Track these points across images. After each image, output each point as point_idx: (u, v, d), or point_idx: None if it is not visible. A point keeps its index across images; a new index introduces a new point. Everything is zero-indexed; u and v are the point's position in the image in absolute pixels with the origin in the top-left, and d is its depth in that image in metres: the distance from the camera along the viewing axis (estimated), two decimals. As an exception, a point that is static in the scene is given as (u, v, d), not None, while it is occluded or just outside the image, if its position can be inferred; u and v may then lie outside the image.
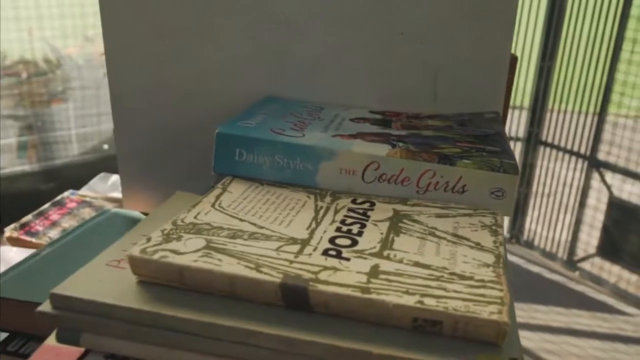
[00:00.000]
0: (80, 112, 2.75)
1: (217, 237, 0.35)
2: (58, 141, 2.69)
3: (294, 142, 0.44)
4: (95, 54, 2.87)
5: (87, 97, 2.76)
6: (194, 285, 0.32)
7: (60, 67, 2.70)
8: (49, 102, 2.72)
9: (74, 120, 2.73)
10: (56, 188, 2.34)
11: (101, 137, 2.78)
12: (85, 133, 2.77)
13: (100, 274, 0.35)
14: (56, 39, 2.48)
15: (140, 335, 0.32)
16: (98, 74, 2.86)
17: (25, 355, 0.46)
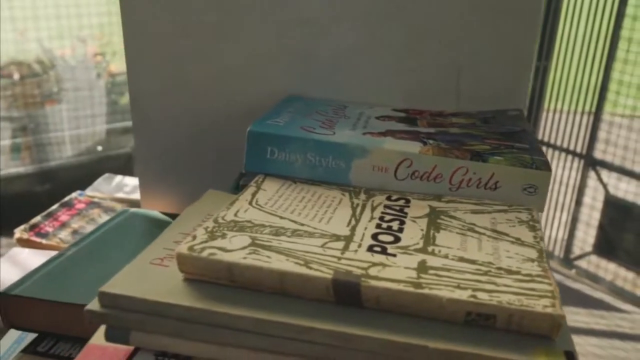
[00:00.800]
0: (74, 113, 2.73)
1: (260, 234, 0.35)
2: (52, 143, 2.68)
3: (326, 140, 0.45)
4: (89, 55, 2.86)
5: (81, 98, 2.75)
6: (242, 282, 0.33)
7: (53, 69, 2.68)
8: (43, 103, 2.70)
9: (67, 122, 2.72)
10: (52, 190, 2.33)
11: (95, 138, 2.76)
12: (79, 134, 2.76)
13: (145, 272, 0.35)
14: (48, 40, 2.47)
15: (191, 332, 0.32)
16: (91, 75, 2.85)
17: (55, 356, 0.46)
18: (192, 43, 0.58)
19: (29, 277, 0.48)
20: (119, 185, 1.12)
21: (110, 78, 2.86)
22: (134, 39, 0.58)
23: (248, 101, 0.59)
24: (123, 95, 2.90)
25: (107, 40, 2.81)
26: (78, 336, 0.47)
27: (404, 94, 0.56)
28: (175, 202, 0.65)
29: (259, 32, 0.56)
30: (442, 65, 0.54)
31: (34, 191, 2.20)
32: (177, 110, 0.61)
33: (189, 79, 0.59)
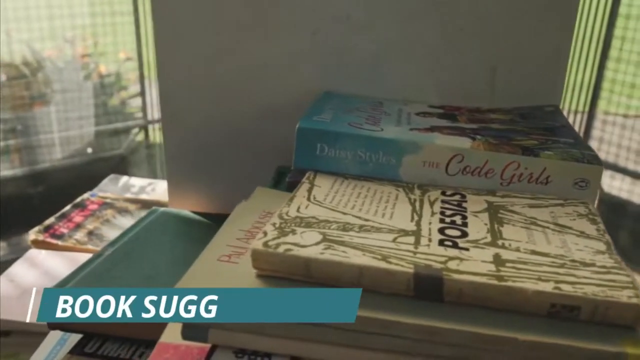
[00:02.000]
0: (63, 115, 2.70)
1: (329, 230, 0.35)
2: (41, 145, 2.65)
3: (377, 136, 0.45)
4: (76, 56, 2.83)
5: (69, 100, 2.72)
6: (319, 277, 0.32)
7: (41, 70, 2.65)
8: (31, 105, 2.67)
9: (56, 124, 2.69)
10: (45, 192, 2.30)
11: (84, 140, 2.73)
12: (69, 136, 2.73)
13: (215, 269, 0.34)
14: (34, 41, 2.44)
15: (271, 329, 0.31)
16: (79, 77, 2.82)
17: (104, 357, 0.45)
18: (224, 41, 0.57)
19: (72, 278, 0.48)
20: (125, 185, 1.12)
21: (100, 79, 2.83)
22: (165, 36, 0.58)
23: (280, 99, 0.59)
24: (112, 96, 2.87)
25: (95, 41, 2.79)
26: (124, 336, 0.47)
27: (439, 91, 0.56)
28: (204, 201, 0.64)
29: (293, 30, 0.56)
30: (478, 61, 0.55)
31: (27, 193, 2.17)
32: (207, 109, 0.60)
33: (220, 77, 0.59)
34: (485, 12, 0.53)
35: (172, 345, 0.34)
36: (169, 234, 0.58)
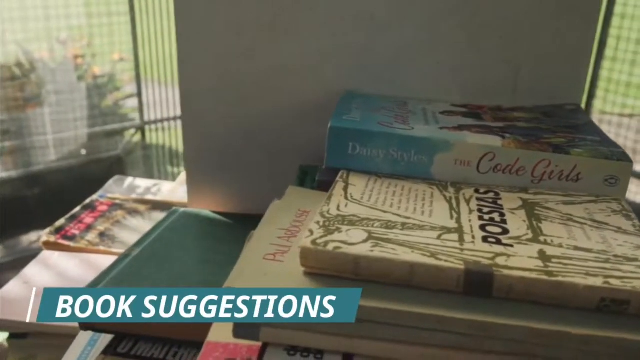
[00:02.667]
0: (57, 117, 2.69)
1: (373, 228, 0.36)
2: (35, 147, 2.63)
3: (409, 134, 0.45)
4: (69, 57, 2.81)
5: (62, 101, 2.70)
6: (367, 275, 0.33)
7: (34, 72, 2.64)
8: (24, 107, 2.65)
9: (50, 125, 2.68)
10: (41, 194, 2.29)
11: (78, 142, 2.72)
12: (62, 138, 2.72)
13: (262, 267, 0.34)
14: (27, 42, 2.42)
15: (323, 326, 0.32)
16: (72, 78, 2.80)
17: (138, 357, 0.45)
18: (245, 41, 0.57)
19: (102, 279, 0.48)
20: (130, 186, 1.11)
21: (93, 80, 2.82)
22: (187, 36, 0.58)
23: (301, 99, 0.59)
24: (105, 97, 2.86)
25: (88, 42, 2.77)
26: (156, 336, 0.47)
27: (461, 90, 0.56)
28: (223, 202, 0.64)
29: (315, 30, 0.56)
30: (500, 60, 0.55)
31: (25, 195, 2.16)
32: (228, 109, 0.60)
33: (240, 77, 0.59)
34: (507, 11, 0.54)
35: (220, 344, 0.34)
36: (192, 234, 0.58)
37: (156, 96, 2.43)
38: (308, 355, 0.32)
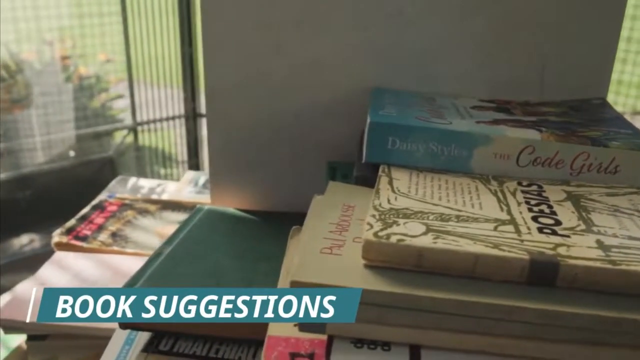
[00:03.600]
0: (44, 119, 2.67)
1: (429, 220, 0.36)
2: (23, 149, 2.61)
3: (449, 128, 0.45)
4: (55, 58, 2.79)
5: (50, 103, 2.68)
6: (430, 266, 0.33)
7: (21, 73, 2.61)
8: (12, 108, 2.62)
9: (37, 127, 2.65)
10: (33, 195, 2.26)
11: (65, 144, 2.70)
12: (50, 140, 2.69)
13: (322, 261, 0.34)
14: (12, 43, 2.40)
15: (391, 318, 0.32)
16: (58, 79, 2.78)
17: (180, 354, 0.45)
18: (273, 37, 0.57)
19: (139, 277, 0.48)
20: (134, 187, 1.11)
21: (80, 82, 2.80)
22: (213, 33, 0.58)
23: (328, 96, 0.59)
24: (93, 99, 2.84)
25: (74, 42, 2.75)
26: (195, 333, 0.47)
27: (488, 85, 0.57)
28: (247, 199, 0.64)
29: (343, 26, 0.57)
30: (528, 56, 0.56)
31: (16, 198, 2.13)
32: (253, 107, 0.60)
33: (268, 74, 0.59)
34: (535, 6, 0.54)
35: (282, 338, 0.34)
36: (221, 232, 0.58)
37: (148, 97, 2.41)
38: (375, 347, 0.32)
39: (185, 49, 2.19)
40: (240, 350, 0.46)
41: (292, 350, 0.33)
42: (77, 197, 1.01)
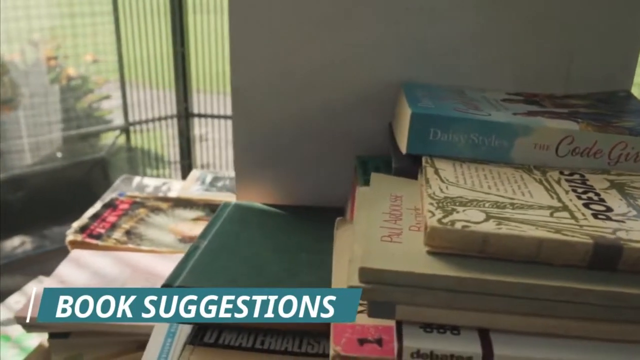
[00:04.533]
0: (32, 120, 2.64)
1: (485, 208, 0.37)
2: (11, 150, 2.58)
3: (489, 119, 0.46)
4: (42, 59, 2.76)
5: (37, 104, 2.66)
6: (494, 252, 0.33)
7: (7, 74, 2.58)
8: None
9: (25, 129, 2.63)
10: (25, 197, 2.24)
11: (53, 146, 2.67)
12: (38, 142, 2.67)
13: (384, 249, 0.35)
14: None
15: (460, 302, 0.32)
16: (45, 80, 2.75)
17: (227, 346, 0.45)
18: (300, 34, 0.58)
19: (180, 271, 0.48)
20: (139, 185, 1.11)
21: (67, 82, 2.77)
22: (240, 31, 0.58)
23: (356, 91, 0.60)
24: (79, 100, 2.82)
25: (60, 43, 2.72)
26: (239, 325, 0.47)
27: (514, 78, 0.58)
28: (272, 194, 0.64)
29: (370, 21, 0.57)
30: (555, 49, 0.57)
31: (8, 200, 2.11)
32: (279, 102, 0.61)
33: (294, 70, 0.59)
34: (563, 1, 0.55)
35: (347, 325, 0.35)
36: (253, 226, 0.58)
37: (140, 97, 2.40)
38: (445, 331, 0.33)
39: (177, 48, 2.19)
40: (285, 341, 0.46)
41: (360, 336, 0.34)
42: (69, 199, 1.00)
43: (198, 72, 2.30)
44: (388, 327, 0.34)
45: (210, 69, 2.32)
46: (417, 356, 0.31)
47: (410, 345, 0.31)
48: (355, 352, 0.32)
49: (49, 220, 2.20)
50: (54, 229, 2.22)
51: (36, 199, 2.20)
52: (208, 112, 2.38)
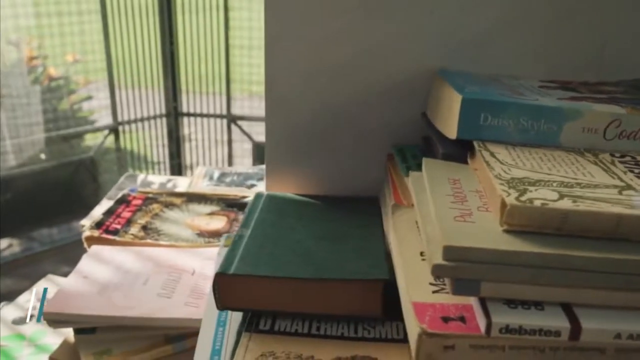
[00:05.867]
0: (13, 122, 2.61)
1: (555, 187, 0.37)
2: (0, 151, 2.54)
3: (539, 104, 0.47)
4: (23, 59, 2.73)
5: (18, 106, 2.62)
6: (571, 229, 0.34)
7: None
8: (-20, 112, 2.55)
9: (7, 130, 2.59)
10: (12, 199, 2.20)
11: (35, 147, 2.64)
12: (20, 144, 2.64)
13: (461, 228, 0.35)
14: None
15: (543, 278, 0.33)
16: (26, 81, 2.71)
17: (282, 332, 0.45)
18: (338, 22, 0.58)
19: (231, 258, 0.47)
20: (144, 182, 1.10)
21: (49, 82, 2.74)
22: (276, 20, 0.58)
23: (390, 80, 0.60)
24: (62, 100, 2.78)
25: (40, 43, 2.69)
26: (291, 311, 0.47)
27: (547, 66, 0.58)
28: (303, 184, 0.64)
29: (404, 11, 0.57)
30: (586, 37, 0.58)
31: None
32: (314, 92, 0.61)
33: (328, 60, 0.59)
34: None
35: (427, 304, 0.35)
36: (290, 215, 0.58)
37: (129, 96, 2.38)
38: (529, 307, 0.33)
39: (166, 47, 2.17)
40: (340, 327, 0.46)
41: (443, 314, 0.34)
42: (56, 200, 0.99)
43: (187, 71, 2.29)
44: (467, 306, 0.35)
45: (199, 68, 2.30)
46: (506, 331, 0.32)
47: (499, 321, 0.32)
48: (441, 329, 0.33)
49: (36, 222, 2.17)
50: (42, 231, 2.19)
51: (23, 201, 2.16)
52: (198, 111, 2.37)
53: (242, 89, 2.40)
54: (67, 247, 2.09)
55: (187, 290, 0.68)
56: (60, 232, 2.19)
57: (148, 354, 0.64)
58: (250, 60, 2.31)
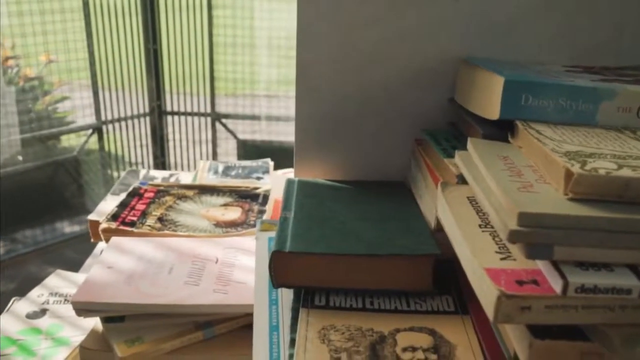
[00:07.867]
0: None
1: (610, 159, 0.39)
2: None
3: (577, 84, 0.49)
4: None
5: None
6: (633, 196, 0.36)
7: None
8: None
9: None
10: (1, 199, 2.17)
11: (12, 149, 2.60)
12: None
13: (528, 197, 0.37)
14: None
15: (613, 241, 0.35)
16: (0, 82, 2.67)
17: (337, 308, 0.47)
18: (369, 9, 0.59)
19: (284, 237, 0.49)
20: (146, 178, 1.10)
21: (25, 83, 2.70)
22: (308, 6, 0.59)
23: (418, 66, 0.62)
24: (37, 101, 2.74)
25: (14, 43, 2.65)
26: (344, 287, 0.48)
27: (570, 52, 0.61)
28: (331, 169, 0.66)
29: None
30: (608, 23, 0.60)
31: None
32: (344, 78, 0.62)
33: (361, 46, 0.61)
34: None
35: (500, 270, 0.37)
36: (327, 198, 0.59)
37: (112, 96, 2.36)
38: (599, 268, 0.35)
39: (149, 45, 2.16)
40: (393, 301, 0.47)
41: (516, 278, 0.36)
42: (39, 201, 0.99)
43: (171, 69, 2.28)
44: (536, 270, 0.36)
45: (183, 66, 2.30)
46: (582, 291, 0.33)
47: (575, 281, 0.33)
48: (518, 291, 0.34)
49: (19, 223, 2.14)
50: (26, 232, 2.16)
51: (5, 203, 2.13)
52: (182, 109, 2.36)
53: (226, 87, 2.40)
54: (51, 248, 2.06)
55: (213, 277, 0.68)
56: (44, 233, 2.16)
57: (179, 341, 0.64)
58: (235, 58, 2.31)
